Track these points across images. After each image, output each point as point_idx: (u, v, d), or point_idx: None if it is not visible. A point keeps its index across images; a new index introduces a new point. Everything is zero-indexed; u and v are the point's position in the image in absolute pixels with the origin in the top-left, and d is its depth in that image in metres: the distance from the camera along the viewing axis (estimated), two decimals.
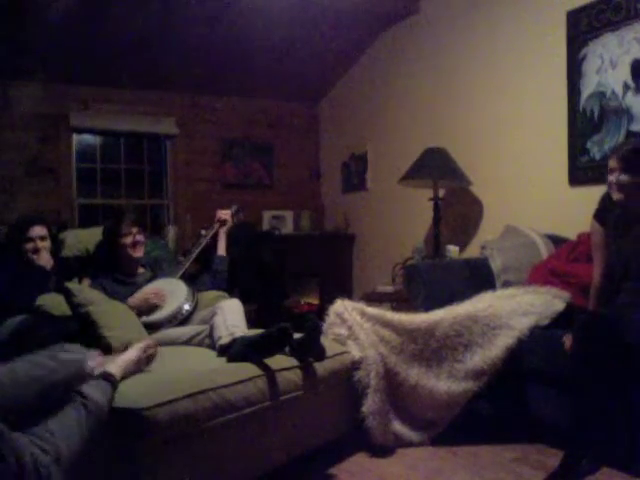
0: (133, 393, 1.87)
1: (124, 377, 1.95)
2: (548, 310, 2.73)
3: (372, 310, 2.79)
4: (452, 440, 2.66)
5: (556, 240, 3.30)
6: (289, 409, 2.32)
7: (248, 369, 2.20)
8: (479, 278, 3.24)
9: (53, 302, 2.65)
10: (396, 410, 2.70)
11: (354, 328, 2.70)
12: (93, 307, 2.50)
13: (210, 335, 2.52)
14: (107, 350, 2.44)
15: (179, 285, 2.98)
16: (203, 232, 3.30)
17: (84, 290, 2.65)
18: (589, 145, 3.35)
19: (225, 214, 3.34)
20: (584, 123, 3.37)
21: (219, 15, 4.28)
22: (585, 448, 2.19)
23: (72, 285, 2.66)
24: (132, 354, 2.06)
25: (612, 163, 2.38)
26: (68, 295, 2.54)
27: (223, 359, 2.30)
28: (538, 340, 2.61)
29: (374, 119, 5.15)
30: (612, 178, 2.37)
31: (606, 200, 2.51)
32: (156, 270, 3.17)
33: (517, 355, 2.64)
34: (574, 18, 3.39)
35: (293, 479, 2.39)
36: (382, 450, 2.60)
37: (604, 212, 2.51)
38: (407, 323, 2.72)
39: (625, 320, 2.24)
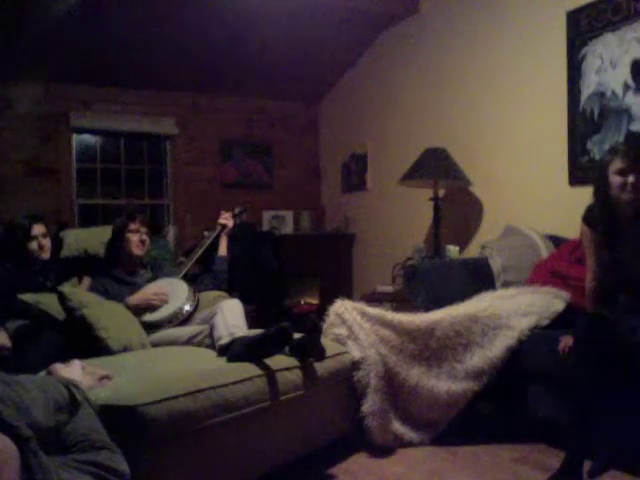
0: (130, 390, 1.87)
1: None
2: (548, 310, 2.73)
3: (372, 310, 2.79)
4: (452, 440, 2.66)
5: (556, 240, 3.29)
6: (289, 409, 2.32)
7: (248, 369, 2.20)
8: (479, 278, 3.24)
9: (52, 302, 2.65)
10: (396, 410, 2.70)
11: (354, 328, 2.70)
12: (87, 310, 2.50)
13: (210, 335, 2.52)
14: (107, 352, 2.44)
15: (180, 285, 2.99)
16: (206, 234, 3.36)
17: (77, 293, 2.65)
18: (589, 145, 3.35)
19: (226, 219, 3.38)
20: (584, 123, 3.36)
21: (219, 15, 4.28)
22: (585, 448, 2.19)
23: (66, 289, 2.65)
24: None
25: (622, 164, 2.32)
26: (62, 299, 2.54)
27: (223, 359, 2.30)
28: (538, 340, 2.61)
29: (374, 119, 5.15)
30: (624, 179, 2.31)
31: (594, 205, 2.47)
32: (157, 271, 3.17)
33: (517, 355, 2.64)
34: (574, 18, 3.39)
35: (293, 479, 2.39)
36: (382, 450, 2.60)
37: (592, 214, 2.48)
38: (407, 323, 2.72)
39: (625, 321, 2.23)
